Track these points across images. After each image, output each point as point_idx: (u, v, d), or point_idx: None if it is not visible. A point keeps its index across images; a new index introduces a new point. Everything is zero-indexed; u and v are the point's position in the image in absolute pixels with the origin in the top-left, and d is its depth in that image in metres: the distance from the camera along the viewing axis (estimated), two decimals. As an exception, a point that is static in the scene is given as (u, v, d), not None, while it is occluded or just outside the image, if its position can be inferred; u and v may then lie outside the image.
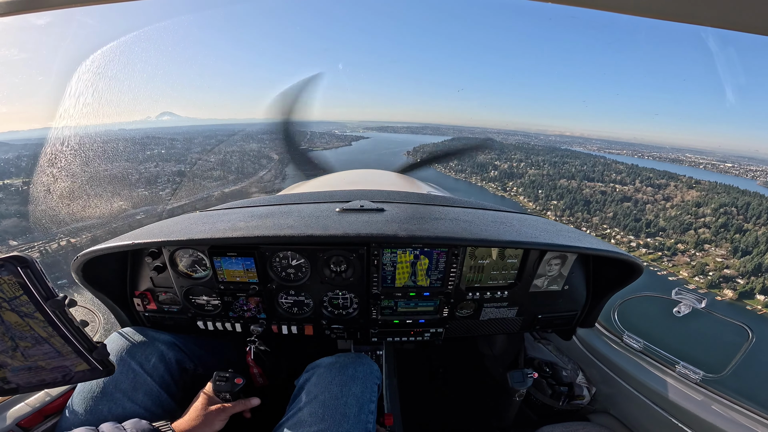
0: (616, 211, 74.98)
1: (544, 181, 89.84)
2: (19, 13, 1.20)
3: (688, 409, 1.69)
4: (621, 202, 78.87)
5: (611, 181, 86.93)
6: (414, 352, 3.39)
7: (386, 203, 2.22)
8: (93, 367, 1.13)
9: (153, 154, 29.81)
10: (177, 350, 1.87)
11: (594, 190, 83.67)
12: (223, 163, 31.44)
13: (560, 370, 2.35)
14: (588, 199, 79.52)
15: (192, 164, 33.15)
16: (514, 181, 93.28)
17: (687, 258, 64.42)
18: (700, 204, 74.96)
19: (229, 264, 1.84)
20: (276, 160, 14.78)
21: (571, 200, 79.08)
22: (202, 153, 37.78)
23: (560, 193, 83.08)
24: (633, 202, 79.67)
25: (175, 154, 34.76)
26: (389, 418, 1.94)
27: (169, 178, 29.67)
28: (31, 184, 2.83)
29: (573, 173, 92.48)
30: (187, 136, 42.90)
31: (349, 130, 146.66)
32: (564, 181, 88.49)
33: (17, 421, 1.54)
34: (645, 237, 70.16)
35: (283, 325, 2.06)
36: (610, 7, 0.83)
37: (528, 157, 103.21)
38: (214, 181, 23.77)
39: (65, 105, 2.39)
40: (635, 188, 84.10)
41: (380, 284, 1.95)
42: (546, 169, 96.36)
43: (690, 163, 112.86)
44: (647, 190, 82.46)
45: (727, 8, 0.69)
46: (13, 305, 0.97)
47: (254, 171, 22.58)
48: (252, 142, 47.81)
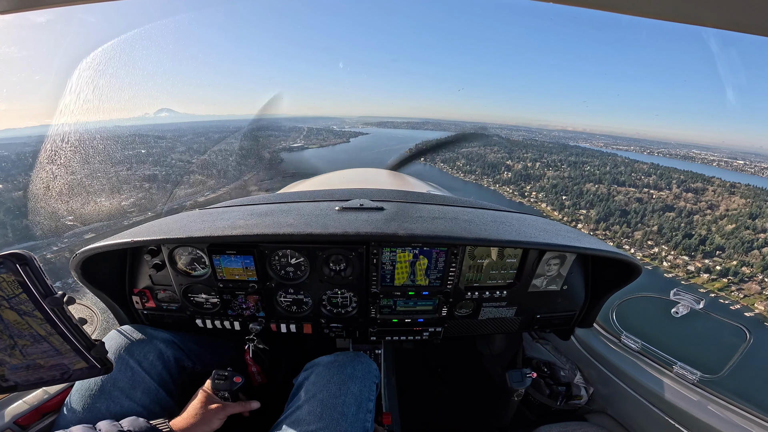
0: (660, 224, 62.88)
1: (567, 184, 78.46)
2: (20, 11, 1.19)
3: (684, 410, 1.69)
4: (663, 212, 66.78)
5: (644, 185, 75.56)
6: (412, 351, 3.40)
7: (386, 202, 2.22)
8: (91, 365, 1.12)
9: (130, 155, 28.17)
10: (175, 348, 1.87)
11: (628, 196, 71.99)
12: (204, 166, 30.09)
13: (558, 370, 2.36)
14: (624, 208, 68.08)
15: (170, 167, 31.65)
16: (532, 184, 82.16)
17: (757, 285, 52.89)
18: (754, 215, 63.26)
19: (228, 262, 1.84)
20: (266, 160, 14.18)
21: (605, 209, 67.18)
22: (185, 153, 36.29)
23: (589, 201, 71.16)
24: (677, 211, 67.39)
25: (156, 154, 33.27)
26: (387, 417, 1.94)
27: (140, 183, 27.68)
28: (30, 182, 2.82)
29: (599, 176, 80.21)
30: (177, 133, 41.43)
31: (348, 125, 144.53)
32: (591, 185, 77.00)
33: (15, 419, 1.54)
34: (701, 257, 57.45)
35: (281, 323, 2.06)
36: (612, 7, 0.83)
37: (541, 155, 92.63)
38: (189, 187, 22.15)
39: (65, 101, 2.39)
40: (674, 194, 72.23)
41: (379, 283, 1.95)
42: (566, 170, 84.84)
43: (702, 160, 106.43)
44: (688, 196, 71.16)
45: (728, 10, 0.70)
46: (12, 303, 0.96)
47: (237, 175, 21.56)
48: (243, 140, 46.29)
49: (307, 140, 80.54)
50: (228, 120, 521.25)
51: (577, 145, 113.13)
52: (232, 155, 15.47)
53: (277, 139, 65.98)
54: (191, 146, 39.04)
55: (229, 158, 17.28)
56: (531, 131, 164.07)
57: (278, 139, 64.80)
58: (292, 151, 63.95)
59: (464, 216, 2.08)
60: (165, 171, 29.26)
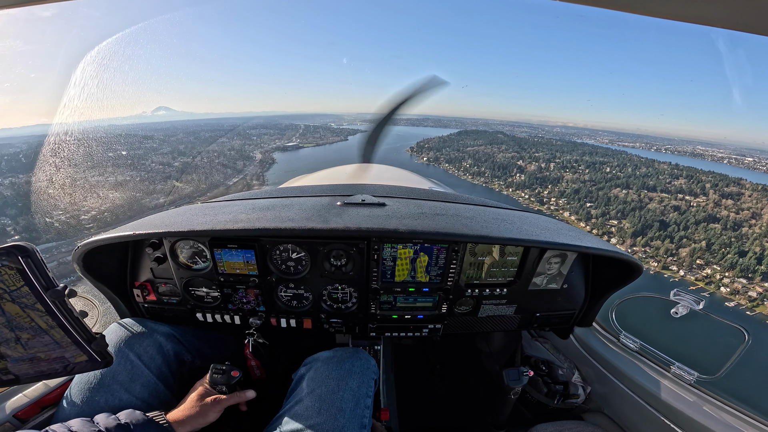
0: (708, 239, 52.48)
1: (590, 189, 68.46)
2: (25, 5, 1.18)
3: (680, 410, 1.70)
4: (707, 222, 56.65)
5: (677, 190, 65.47)
6: (411, 348, 3.41)
7: (388, 198, 2.22)
8: (91, 358, 1.13)
9: (112, 157, 26.34)
10: (175, 342, 1.87)
11: (664, 204, 61.84)
12: (185, 170, 28.51)
13: (556, 368, 2.36)
14: (662, 218, 57.93)
15: (148, 170, 30.17)
16: (550, 188, 72.86)
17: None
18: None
19: (230, 256, 1.84)
20: (257, 161, 13.02)
21: (640, 220, 57.24)
22: (168, 155, 34.64)
23: (621, 210, 60.81)
24: (722, 222, 57.27)
25: (137, 156, 31.63)
26: (385, 413, 1.95)
27: (105, 193, 25.94)
28: (33, 176, 2.81)
29: (624, 179, 70.23)
30: (167, 133, 39.71)
31: (347, 122, 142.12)
32: (618, 190, 66.91)
33: (14, 412, 1.54)
34: (760, 279, 49.57)
35: (281, 318, 2.06)
36: (620, 6, 0.83)
37: (553, 155, 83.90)
38: (164, 196, 20.71)
39: (69, 94, 2.38)
40: (713, 201, 62.10)
41: (380, 279, 1.96)
42: (586, 173, 74.92)
43: (710, 157, 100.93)
44: (727, 203, 61.44)
45: (737, 10, 0.69)
46: (14, 296, 0.96)
47: (221, 180, 19.68)
48: (234, 140, 43.34)
49: (303, 139, 78.42)
50: (224, 118, 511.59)
51: (584, 142, 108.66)
52: (219, 157, 14.87)
53: (271, 137, 63.89)
54: (177, 147, 37.52)
55: (215, 160, 16.32)
56: (533, 127, 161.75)
57: (272, 138, 63.02)
58: (286, 150, 62.53)
59: (466, 213, 2.07)
60: (140, 176, 27.73)
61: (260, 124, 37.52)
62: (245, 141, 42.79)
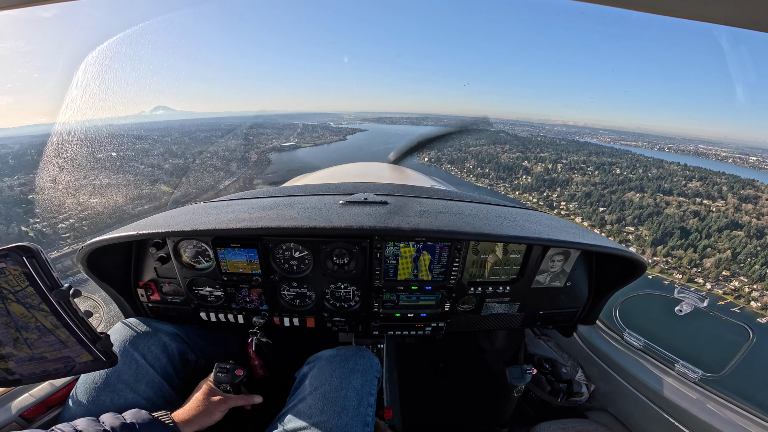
0: (733, 248, 47.42)
1: (601, 192, 64.17)
2: (26, 6, 1.18)
3: (684, 408, 1.70)
4: (729, 229, 51.43)
5: (694, 194, 60.61)
6: (414, 346, 3.41)
7: (390, 196, 2.22)
8: (96, 357, 1.13)
9: (102, 158, 25.41)
10: (179, 341, 1.88)
11: (683, 209, 56.61)
12: (175, 173, 27.38)
13: (560, 366, 2.36)
14: (682, 225, 52.83)
15: (136, 174, 29.00)
16: (559, 191, 68.65)
17: None
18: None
19: (233, 255, 1.85)
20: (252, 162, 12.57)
21: (660, 227, 52.38)
22: (159, 157, 33.47)
23: (637, 215, 55.85)
24: (746, 229, 51.62)
25: (127, 158, 30.56)
26: (388, 412, 1.96)
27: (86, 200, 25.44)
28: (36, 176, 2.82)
29: (636, 181, 66.01)
30: (162, 133, 38.56)
31: (346, 122, 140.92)
32: (632, 194, 62.43)
33: (20, 412, 1.55)
34: None
35: (285, 317, 2.07)
36: (622, 3, 0.82)
37: (560, 155, 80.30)
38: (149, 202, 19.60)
39: (72, 94, 2.39)
40: (733, 206, 56.73)
41: (382, 277, 1.95)
42: (596, 175, 71.05)
43: (714, 156, 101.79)
44: (748, 207, 55.87)
45: (739, 7, 0.68)
46: (19, 297, 0.97)
47: (213, 184, 18.69)
48: (229, 141, 41.71)
49: (301, 138, 77.24)
50: (222, 117, 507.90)
51: (586, 141, 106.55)
52: (213, 158, 14.46)
53: (269, 137, 62.48)
54: (170, 147, 36.23)
55: (207, 162, 15.70)
56: (533, 126, 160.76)
57: (270, 138, 61.76)
58: (283, 150, 61.42)
59: (468, 211, 2.07)
60: (126, 179, 26.70)
61: (258, 124, 37.09)
62: (241, 141, 41.30)
